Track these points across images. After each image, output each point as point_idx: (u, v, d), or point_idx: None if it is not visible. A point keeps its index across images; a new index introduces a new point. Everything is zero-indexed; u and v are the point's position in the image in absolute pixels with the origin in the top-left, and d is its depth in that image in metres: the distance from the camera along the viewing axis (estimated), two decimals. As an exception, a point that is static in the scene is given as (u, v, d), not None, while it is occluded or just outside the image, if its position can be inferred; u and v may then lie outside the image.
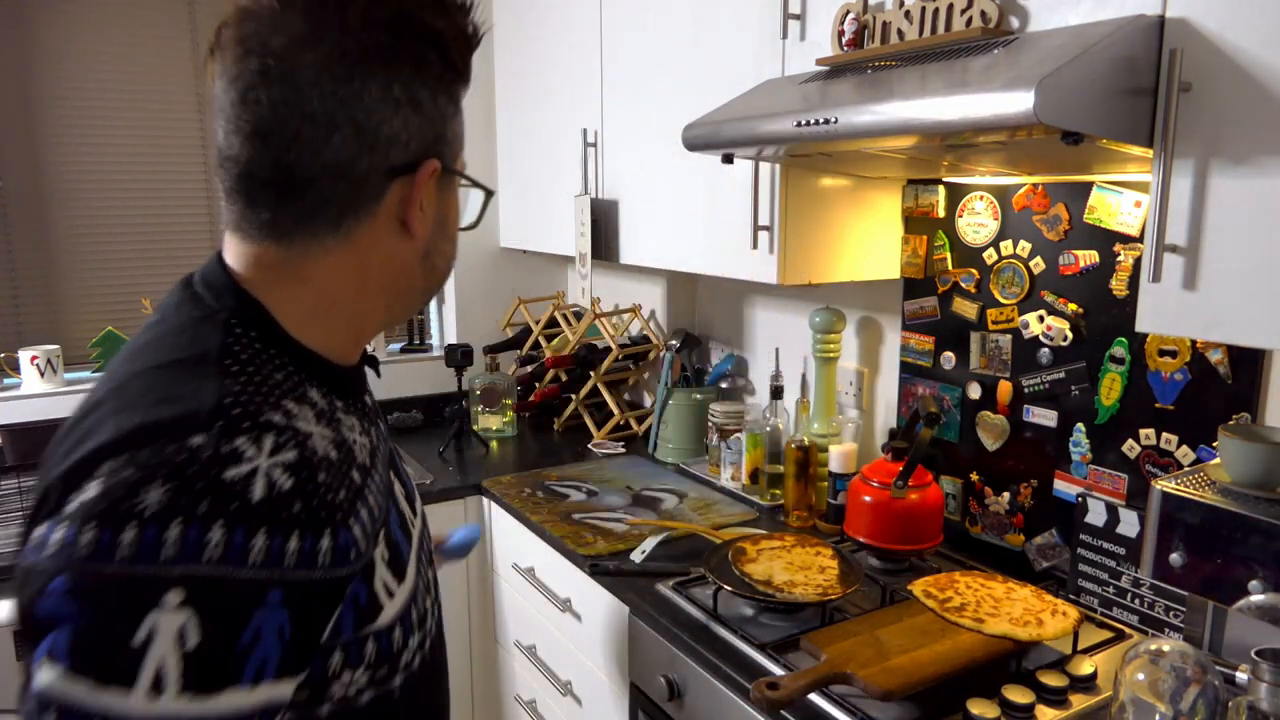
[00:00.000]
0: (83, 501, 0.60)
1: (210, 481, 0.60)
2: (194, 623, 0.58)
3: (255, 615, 0.60)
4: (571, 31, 2.25)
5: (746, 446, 2.03)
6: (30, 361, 2.34)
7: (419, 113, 0.73)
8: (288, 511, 0.62)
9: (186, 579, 0.58)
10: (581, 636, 1.82)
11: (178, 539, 0.58)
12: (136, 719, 0.56)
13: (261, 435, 0.63)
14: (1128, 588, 1.46)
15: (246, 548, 0.60)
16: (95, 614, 0.57)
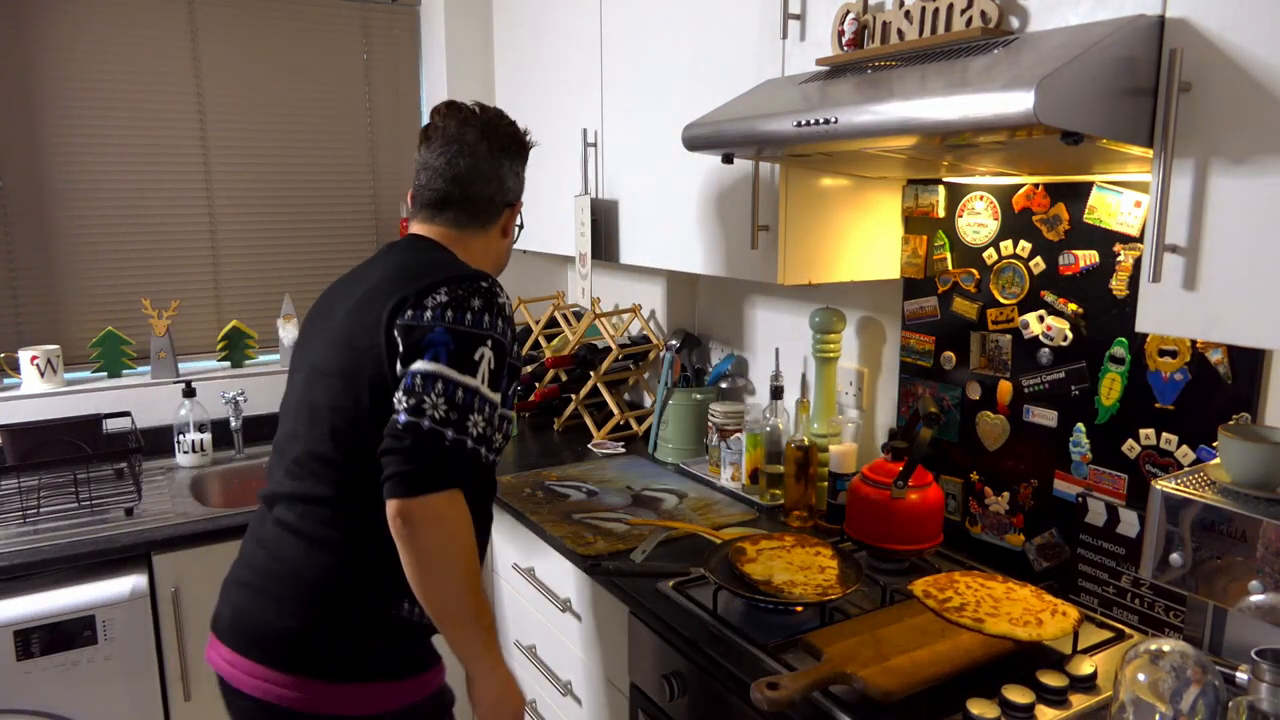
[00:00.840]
0: (440, 301, 1.29)
1: (495, 302, 1.33)
2: (491, 357, 1.29)
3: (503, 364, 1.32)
4: (571, 31, 2.25)
5: (746, 446, 2.03)
6: (30, 361, 2.34)
7: (517, 176, 1.53)
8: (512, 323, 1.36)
9: (488, 338, 1.30)
10: (581, 636, 1.82)
11: (488, 322, 1.30)
12: (473, 387, 1.26)
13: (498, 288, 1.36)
14: (1128, 588, 1.46)
15: (506, 331, 1.33)
16: (459, 344, 1.27)
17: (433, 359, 1.23)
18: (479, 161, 1.44)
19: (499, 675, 1.35)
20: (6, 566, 1.80)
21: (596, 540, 1.79)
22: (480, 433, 1.25)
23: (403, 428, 1.21)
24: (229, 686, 1.35)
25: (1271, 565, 1.06)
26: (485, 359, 1.27)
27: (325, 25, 2.72)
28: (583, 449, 2.45)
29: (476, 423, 1.25)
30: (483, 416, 1.26)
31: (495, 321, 1.30)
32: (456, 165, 1.43)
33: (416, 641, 1.38)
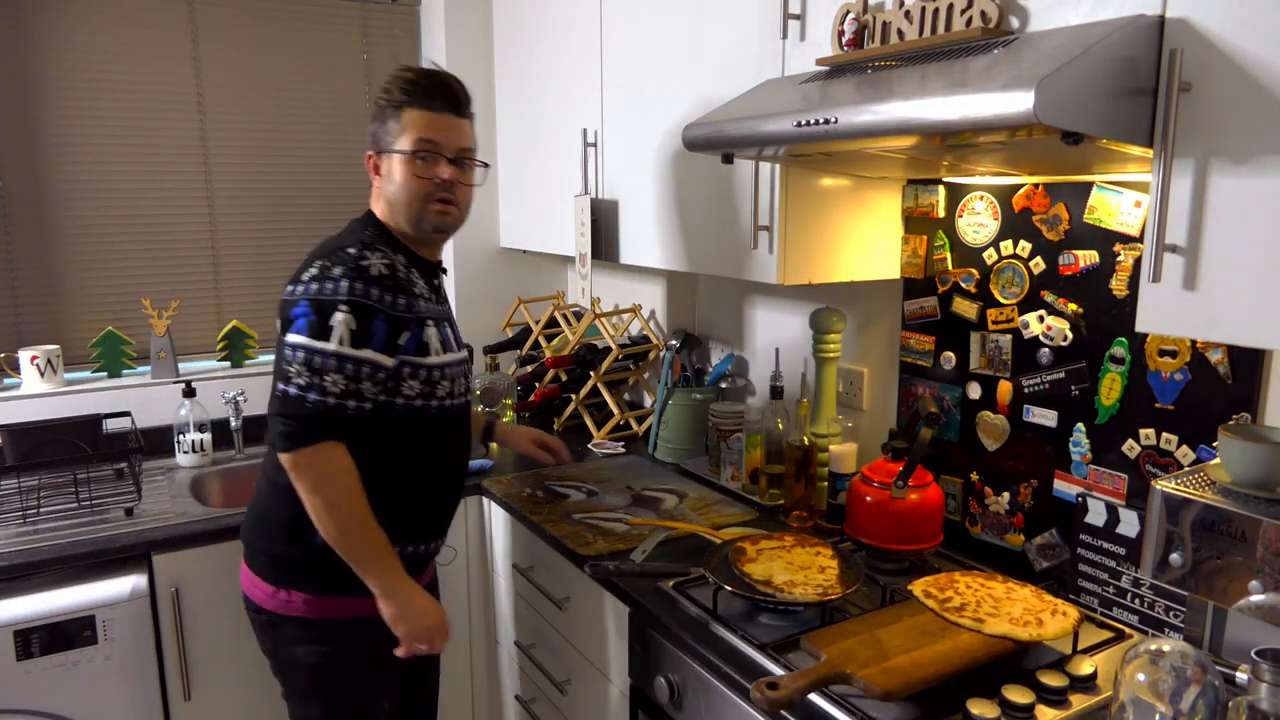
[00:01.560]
0: (310, 275, 1.48)
1: (357, 266, 1.47)
2: (352, 318, 1.45)
3: (374, 321, 1.47)
4: (571, 32, 2.25)
5: (746, 446, 2.03)
6: (30, 361, 2.34)
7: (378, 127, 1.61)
8: (384, 280, 1.49)
9: (347, 301, 1.45)
10: (581, 636, 1.82)
11: (346, 287, 1.45)
12: (329, 350, 1.44)
13: (368, 254, 1.49)
14: (1128, 588, 1.46)
15: (368, 292, 1.47)
16: (317, 313, 1.45)
17: (296, 331, 1.45)
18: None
19: (397, 597, 1.53)
20: (6, 566, 1.80)
21: (596, 540, 1.79)
22: (343, 389, 1.45)
23: (278, 394, 1.46)
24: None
25: (1271, 565, 1.06)
26: (342, 323, 1.44)
27: (325, 25, 2.72)
28: (583, 449, 2.45)
29: (335, 381, 1.44)
30: (342, 375, 1.44)
31: (354, 285, 1.45)
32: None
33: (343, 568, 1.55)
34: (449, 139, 1.58)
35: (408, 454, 1.59)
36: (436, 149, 1.57)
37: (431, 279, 1.66)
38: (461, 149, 1.60)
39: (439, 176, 1.57)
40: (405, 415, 1.56)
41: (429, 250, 1.67)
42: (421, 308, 1.56)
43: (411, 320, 1.53)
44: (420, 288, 1.59)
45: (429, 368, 1.57)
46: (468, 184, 1.63)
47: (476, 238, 2.86)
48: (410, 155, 1.56)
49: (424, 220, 1.59)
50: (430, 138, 1.56)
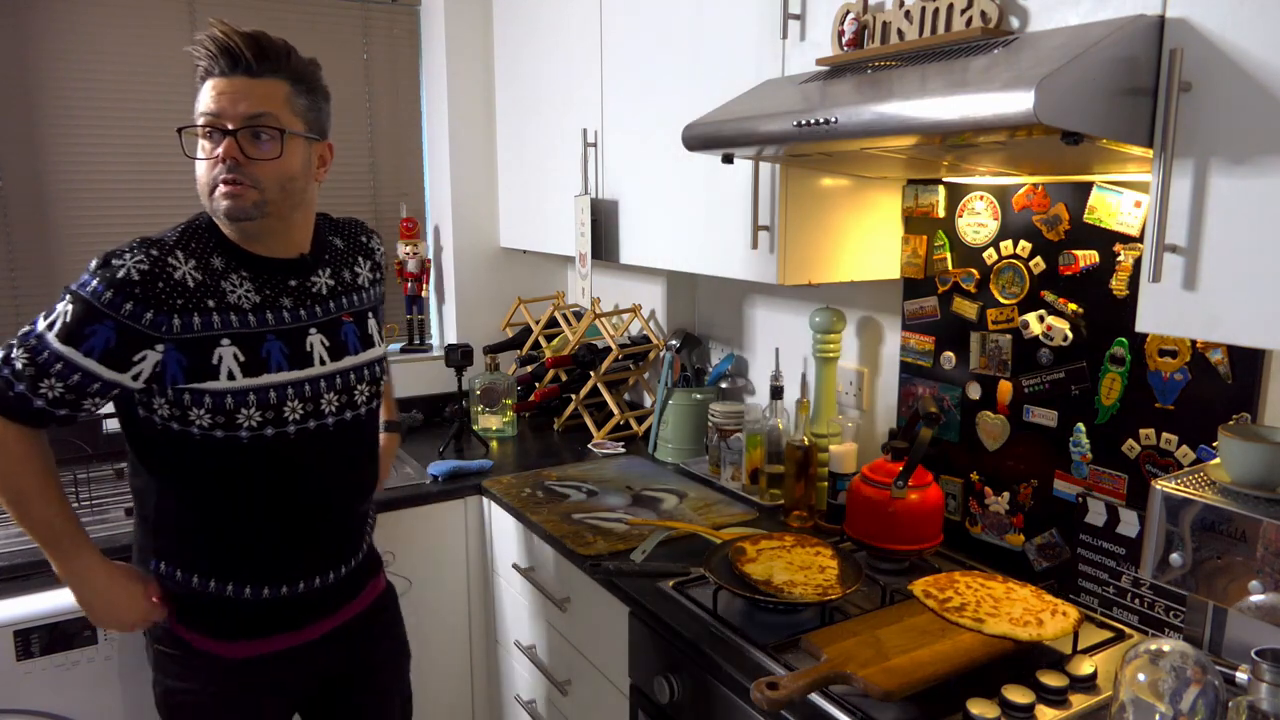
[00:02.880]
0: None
1: (107, 263, 1.27)
2: (71, 311, 1.26)
3: (95, 324, 1.26)
4: (571, 31, 2.25)
5: (746, 446, 2.03)
6: (30, 361, 2.33)
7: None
8: (130, 287, 1.26)
9: (76, 295, 1.27)
10: (581, 636, 1.82)
11: (84, 280, 1.27)
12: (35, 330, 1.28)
13: (136, 254, 1.28)
14: (1128, 588, 1.46)
15: (103, 294, 1.26)
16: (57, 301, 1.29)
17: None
18: None
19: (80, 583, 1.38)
20: (6, 566, 1.80)
21: (596, 540, 1.79)
22: (19, 368, 1.26)
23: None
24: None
25: (1271, 565, 1.06)
26: (62, 311, 1.26)
27: (325, 25, 2.72)
28: (583, 449, 2.45)
29: (19, 357, 1.26)
30: (26, 353, 1.26)
31: (90, 281, 1.27)
32: None
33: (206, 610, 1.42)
34: (232, 106, 1.29)
35: (232, 488, 1.38)
36: (216, 122, 1.29)
37: (285, 279, 1.40)
38: (249, 116, 1.30)
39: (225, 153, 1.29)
40: (211, 446, 1.34)
41: (269, 245, 1.39)
42: (212, 322, 1.31)
43: (173, 340, 1.28)
44: (240, 295, 1.34)
45: (218, 394, 1.31)
46: (259, 158, 1.31)
47: (476, 238, 2.86)
48: (190, 134, 1.33)
49: (216, 208, 1.32)
50: (209, 109, 1.30)
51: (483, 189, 2.84)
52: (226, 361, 1.32)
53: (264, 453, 1.37)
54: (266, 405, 1.36)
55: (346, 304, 1.50)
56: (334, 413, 1.44)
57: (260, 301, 1.37)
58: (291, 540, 1.43)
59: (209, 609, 1.42)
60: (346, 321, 1.49)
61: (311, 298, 1.44)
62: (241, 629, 1.43)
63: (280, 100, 1.35)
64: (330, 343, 1.44)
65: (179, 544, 1.40)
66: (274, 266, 1.40)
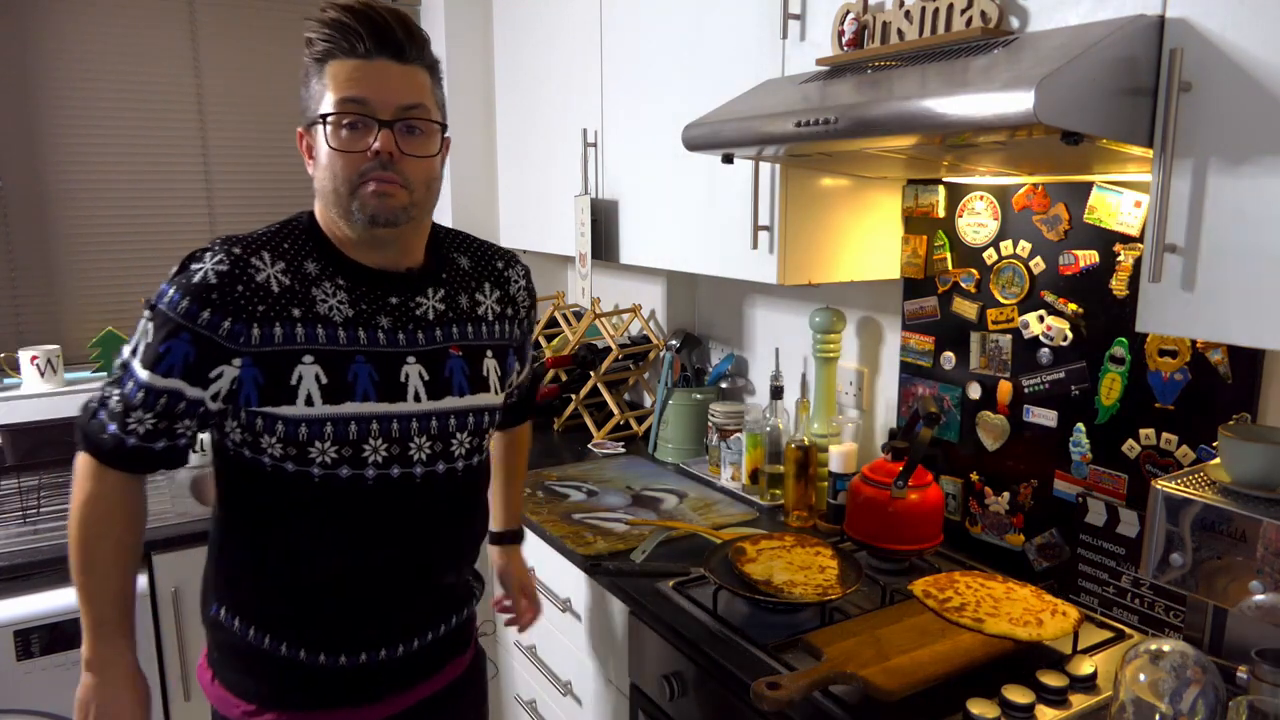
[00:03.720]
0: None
1: (185, 268, 1.12)
2: (150, 328, 1.12)
3: (170, 340, 1.10)
4: (571, 31, 2.25)
5: (746, 446, 2.03)
6: (30, 361, 2.34)
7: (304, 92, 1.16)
8: (207, 292, 1.10)
9: (152, 306, 1.12)
10: (581, 636, 1.82)
11: (161, 290, 1.12)
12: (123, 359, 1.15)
13: (216, 253, 1.12)
14: (1128, 588, 1.46)
15: (179, 303, 1.10)
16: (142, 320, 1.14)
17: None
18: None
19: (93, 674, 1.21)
20: (6, 566, 1.80)
21: (596, 540, 1.79)
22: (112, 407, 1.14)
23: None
24: None
25: (1271, 565, 1.06)
26: (143, 331, 1.12)
27: (325, 25, 2.72)
28: (583, 449, 2.45)
29: (113, 394, 1.14)
30: (117, 388, 1.14)
31: (167, 290, 1.11)
32: None
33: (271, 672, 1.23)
34: (383, 94, 1.11)
35: (301, 533, 1.18)
36: (366, 110, 1.11)
37: (386, 295, 1.20)
38: (404, 106, 1.12)
39: (369, 147, 1.11)
40: (282, 480, 1.16)
41: (382, 255, 1.19)
42: (295, 335, 1.12)
43: (251, 353, 1.11)
44: (332, 306, 1.15)
45: (292, 421, 1.12)
46: (418, 155, 1.14)
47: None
48: (332, 121, 1.11)
49: (357, 210, 1.13)
50: (355, 95, 1.10)
51: (483, 189, 2.84)
52: (306, 382, 1.12)
53: (338, 497, 1.16)
54: (344, 440, 1.14)
55: (458, 334, 1.25)
56: (424, 461, 1.20)
57: (353, 316, 1.16)
58: (360, 604, 1.21)
59: (258, 668, 1.22)
60: (454, 355, 1.24)
61: (414, 321, 1.21)
62: (288, 697, 1.22)
63: (428, 90, 1.16)
64: (430, 377, 1.20)
65: (242, 590, 1.22)
66: (377, 279, 1.19)
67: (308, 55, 1.14)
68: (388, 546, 1.21)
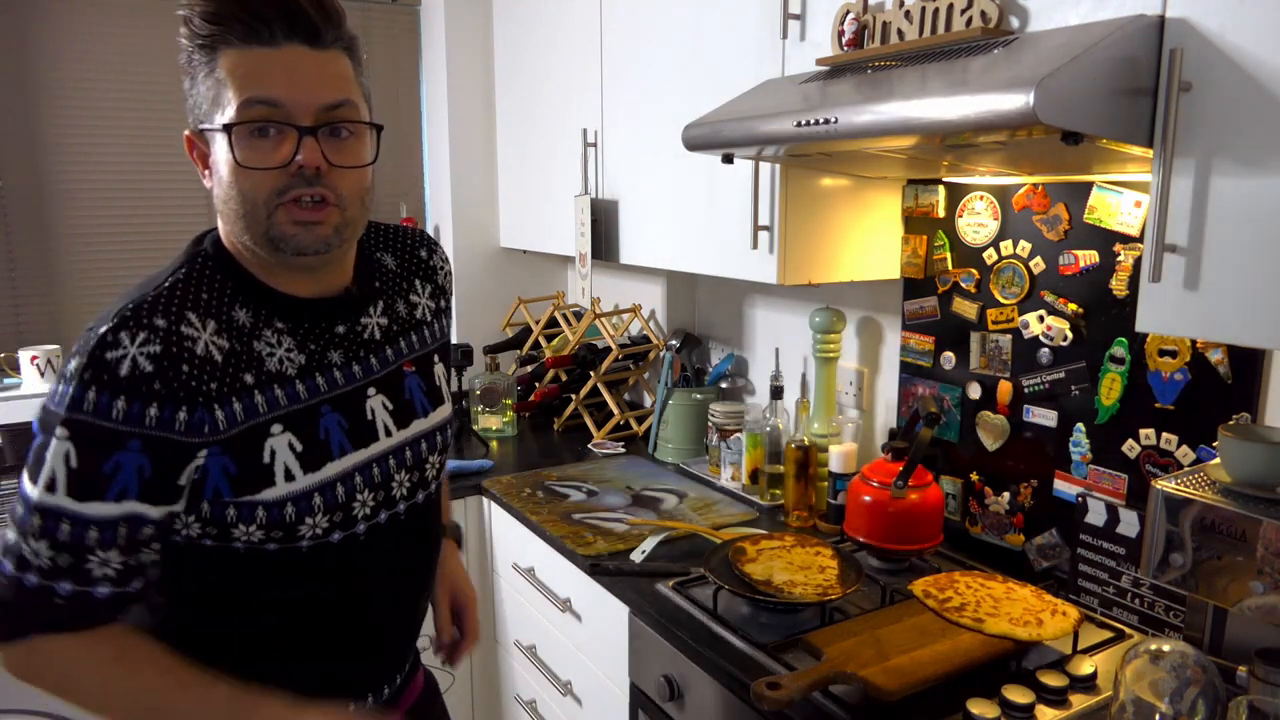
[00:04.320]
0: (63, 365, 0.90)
1: (98, 356, 0.86)
2: (74, 450, 0.86)
3: (116, 454, 0.87)
4: (571, 31, 2.25)
5: (746, 446, 2.03)
6: (30, 361, 2.34)
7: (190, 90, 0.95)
8: (145, 383, 0.87)
9: (69, 422, 0.86)
10: (581, 636, 1.82)
11: (70, 394, 0.86)
12: (34, 503, 0.87)
13: (135, 332, 0.88)
14: (1128, 588, 1.46)
15: (109, 408, 0.86)
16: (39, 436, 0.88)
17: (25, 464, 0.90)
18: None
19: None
20: (6, 566, 1.80)
21: (596, 540, 1.79)
22: (45, 565, 0.87)
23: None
24: None
25: (1271, 565, 1.06)
26: (59, 453, 0.86)
27: (325, 25, 2.72)
28: (583, 449, 2.45)
29: (32, 550, 0.87)
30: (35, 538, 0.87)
31: (81, 395, 0.85)
32: None
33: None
34: (299, 92, 0.89)
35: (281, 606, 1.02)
36: (279, 114, 0.90)
37: (331, 324, 1.02)
38: (326, 106, 0.91)
39: (287, 161, 0.90)
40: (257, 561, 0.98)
41: (315, 281, 1.01)
42: (255, 405, 0.94)
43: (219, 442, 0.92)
44: (281, 355, 0.97)
45: (274, 504, 0.95)
46: (350, 165, 0.94)
47: (476, 238, 2.86)
48: (237, 131, 0.90)
49: (276, 239, 0.94)
50: (265, 96, 0.89)
51: (483, 189, 2.84)
52: (281, 456, 0.95)
53: (327, 561, 1.02)
54: (335, 506, 1.00)
55: (405, 348, 1.10)
56: (405, 496, 1.09)
57: (305, 363, 0.99)
58: (348, 657, 1.09)
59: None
60: (409, 373, 1.10)
61: (363, 346, 1.05)
62: None
63: (352, 80, 0.95)
64: (394, 405, 1.07)
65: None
66: (316, 310, 1.01)
67: (187, 40, 0.91)
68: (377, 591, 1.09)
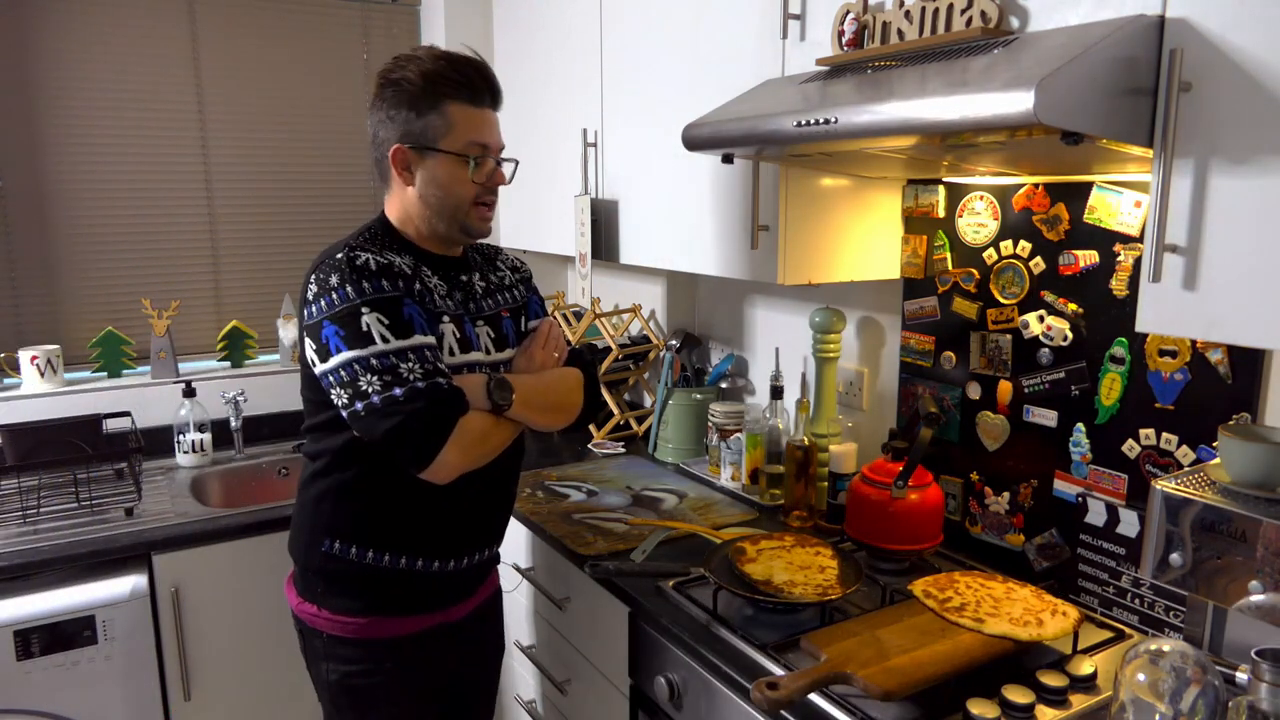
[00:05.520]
0: (313, 293, 1.36)
1: (353, 267, 1.35)
2: (379, 314, 1.33)
3: (403, 308, 1.36)
4: (571, 31, 2.25)
5: (746, 446, 2.03)
6: (30, 361, 2.34)
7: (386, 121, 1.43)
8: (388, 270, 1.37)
9: (362, 304, 1.33)
10: (581, 636, 1.82)
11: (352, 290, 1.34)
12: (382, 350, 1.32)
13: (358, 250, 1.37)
14: (1128, 588, 1.46)
15: (378, 284, 1.35)
16: (345, 326, 1.32)
17: (336, 351, 1.33)
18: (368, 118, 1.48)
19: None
20: (6, 566, 1.80)
21: (596, 540, 1.79)
22: (424, 371, 1.32)
23: (362, 412, 1.31)
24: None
25: (1271, 565, 1.06)
26: (372, 323, 1.32)
27: (325, 25, 2.72)
28: (583, 449, 2.45)
29: (412, 369, 1.32)
30: (413, 363, 1.32)
31: (360, 285, 1.33)
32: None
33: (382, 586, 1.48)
34: (495, 140, 1.46)
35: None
36: (486, 152, 1.44)
37: (457, 275, 1.53)
38: (501, 148, 1.49)
39: (491, 181, 1.46)
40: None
41: (448, 249, 1.53)
42: (435, 303, 1.44)
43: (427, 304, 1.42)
44: (435, 284, 1.46)
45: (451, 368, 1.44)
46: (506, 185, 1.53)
47: (476, 238, 2.85)
48: (462, 158, 1.42)
49: (467, 227, 1.47)
50: (483, 141, 1.43)
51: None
52: (448, 339, 1.43)
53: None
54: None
55: (502, 301, 1.60)
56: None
57: (445, 293, 1.48)
58: (469, 514, 1.53)
59: (382, 584, 1.48)
60: (505, 318, 1.59)
61: (473, 294, 1.55)
62: (411, 604, 1.51)
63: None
64: (494, 335, 1.54)
65: (363, 521, 1.46)
66: (447, 264, 1.51)
67: (415, 89, 1.39)
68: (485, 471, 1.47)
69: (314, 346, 1.37)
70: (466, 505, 1.51)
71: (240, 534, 2.04)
